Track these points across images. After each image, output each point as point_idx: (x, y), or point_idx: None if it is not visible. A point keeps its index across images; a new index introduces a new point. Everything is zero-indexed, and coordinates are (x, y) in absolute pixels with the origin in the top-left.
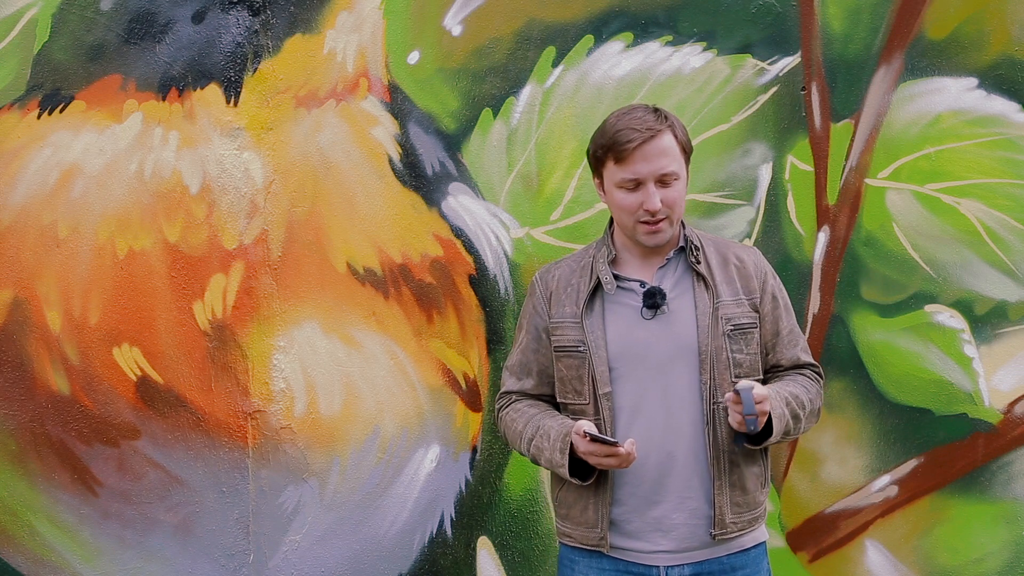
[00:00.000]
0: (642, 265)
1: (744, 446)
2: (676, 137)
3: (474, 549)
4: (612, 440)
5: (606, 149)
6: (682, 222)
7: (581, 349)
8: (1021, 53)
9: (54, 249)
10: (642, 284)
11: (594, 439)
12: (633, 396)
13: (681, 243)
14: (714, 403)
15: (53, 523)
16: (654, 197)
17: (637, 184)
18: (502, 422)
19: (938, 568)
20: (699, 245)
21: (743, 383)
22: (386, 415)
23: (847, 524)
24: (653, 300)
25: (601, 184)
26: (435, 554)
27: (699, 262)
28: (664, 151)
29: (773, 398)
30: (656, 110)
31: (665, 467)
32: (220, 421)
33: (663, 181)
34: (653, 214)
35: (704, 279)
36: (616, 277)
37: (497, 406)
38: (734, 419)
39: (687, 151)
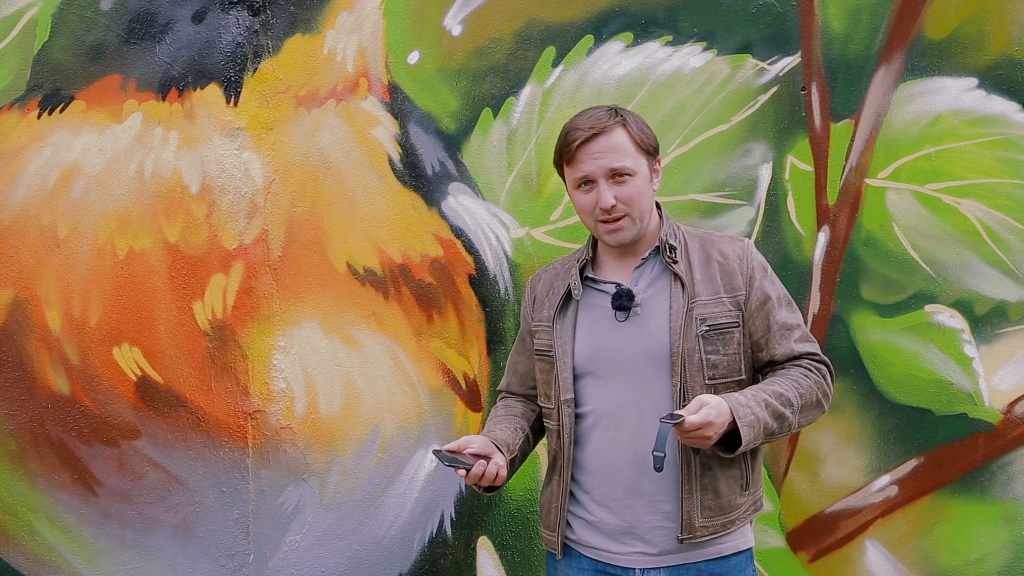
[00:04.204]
0: (619, 266)
1: (716, 452)
2: (630, 134)
3: (474, 549)
4: (463, 463)
5: (559, 153)
6: (664, 219)
7: (551, 354)
8: (1021, 53)
9: (54, 249)
10: (617, 286)
11: (448, 455)
12: (604, 399)
13: (657, 242)
14: (685, 405)
15: (53, 523)
16: (606, 194)
17: (589, 183)
18: None
19: (938, 568)
20: (676, 244)
21: (669, 415)
22: (386, 415)
23: (847, 524)
24: (620, 302)
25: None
26: (435, 554)
27: (675, 261)
28: (613, 147)
29: (743, 405)
30: (611, 108)
31: (638, 471)
32: (220, 421)
33: (615, 178)
34: (608, 211)
35: (680, 278)
36: (593, 280)
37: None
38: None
39: (646, 148)
